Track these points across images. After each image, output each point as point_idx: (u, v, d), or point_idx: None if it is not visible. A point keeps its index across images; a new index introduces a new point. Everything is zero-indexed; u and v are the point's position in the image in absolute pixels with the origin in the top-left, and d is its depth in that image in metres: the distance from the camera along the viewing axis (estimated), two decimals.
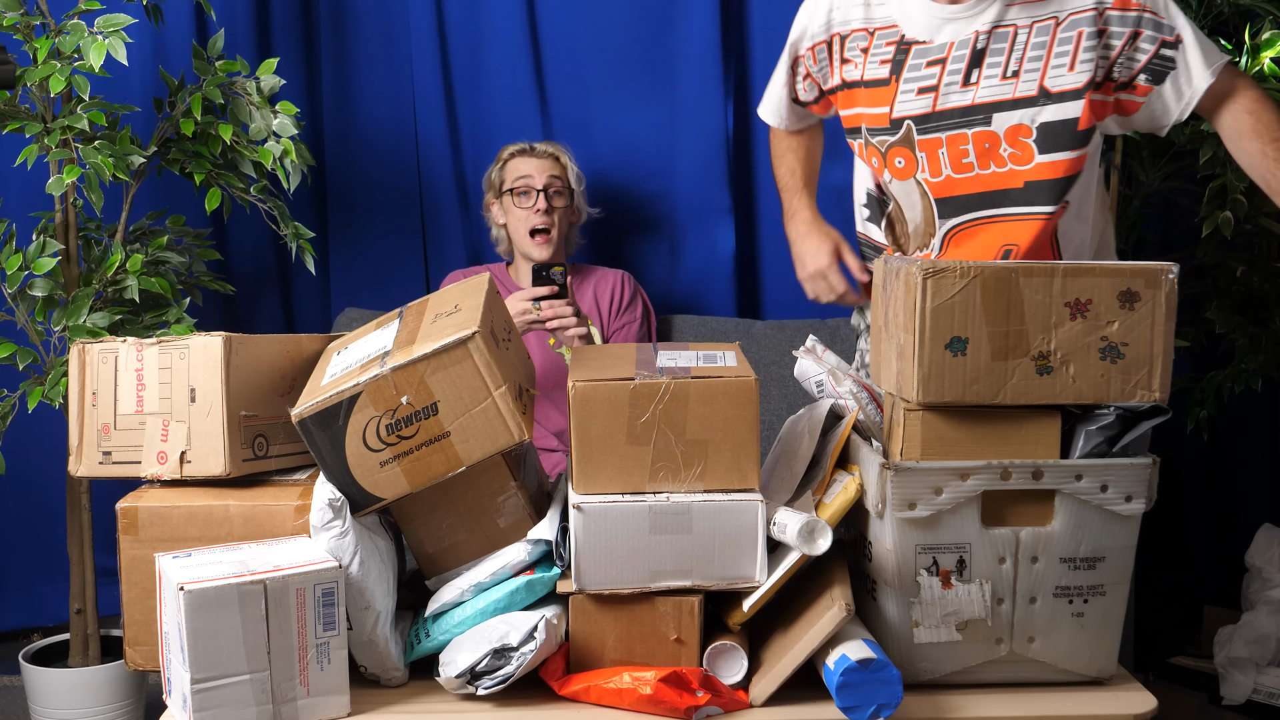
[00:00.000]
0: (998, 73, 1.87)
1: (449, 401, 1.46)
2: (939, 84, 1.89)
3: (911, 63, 1.90)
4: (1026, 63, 1.86)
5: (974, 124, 1.89)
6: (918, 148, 1.92)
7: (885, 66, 1.92)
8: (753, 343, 2.72)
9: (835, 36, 1.97)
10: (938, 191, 1.94)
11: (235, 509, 1.52)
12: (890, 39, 1.92)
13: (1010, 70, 1.86)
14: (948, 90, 1.88)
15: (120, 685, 2.45)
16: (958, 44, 1.88)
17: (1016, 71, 1.86)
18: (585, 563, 1.46)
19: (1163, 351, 1.44)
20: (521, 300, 2.32)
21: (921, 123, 1.91)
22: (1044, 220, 1.91)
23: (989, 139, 1.89)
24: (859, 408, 1.61)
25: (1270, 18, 2.48)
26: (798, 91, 2.10)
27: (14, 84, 2.22)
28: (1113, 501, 1.46)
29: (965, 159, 1.90)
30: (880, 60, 1.92)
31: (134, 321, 2.35)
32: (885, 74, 1.92)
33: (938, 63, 1.89)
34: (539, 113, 2.85)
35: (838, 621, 1.40)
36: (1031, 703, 1.49)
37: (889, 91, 1.92)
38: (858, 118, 1.98)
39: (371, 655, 1.50)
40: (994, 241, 1.93)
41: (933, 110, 1.90)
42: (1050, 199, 1.90)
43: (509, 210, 2.59)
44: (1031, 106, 1.87)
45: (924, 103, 1.90)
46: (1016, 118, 1.87)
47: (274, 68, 2.45)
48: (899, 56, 1.91)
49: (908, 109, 1.91)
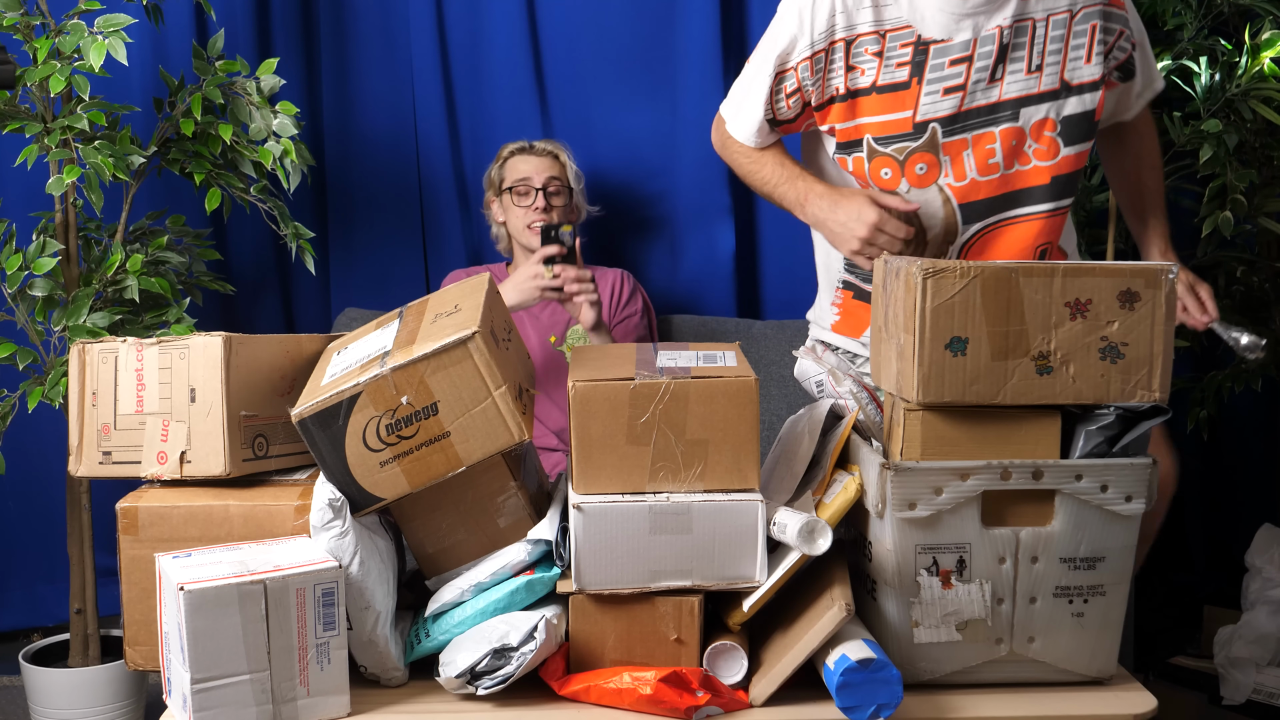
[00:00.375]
0: (1022, 67, 1.86)
1: (449, 401, 1.46)
2: (966, 82, 1.86)
3: (933, 63, 1.86)
4: (1048, 56, 1.86)
5: (1001, 121, 1.87)
6: (941, 151, 1.88)
7: (904, 69, 1.86)
8: (753, 343, 2.72)
9: (839, 43, 1.88)
10: (961, 196, 1.90)
11: (235, 509, 1.52)
12: (905, 40, 1.86)
13: (1034, 64, 1.86)
14: (975, 89, 1.86)
15: (120, 685, 2.45)
16: (981, 40, 1.85)
17: (1039, 65, 1.86)
18: (585, 563, 1.46)
19: (1163, 351, 1.44)
20: (535, 264, 2.35)
21: (948, 124, 1.87)
22: (1066, 214, 1.92)
23: (1016, 135, 1.88)
24: (859, 408, 1.61)
25: (1270, 18, 2.48)
26: (776, 110, 1.96)
27: (14, 84, 2.22)
28: (1113, 501, 1.46)
29: (992, 159, 1.88)
30: (897, 63, 1.87)
31: (134, 321, 2.35)
32: (905, 77, 1.86)
33: (962, 61, 1.85)
34: (539, 112, 2.85)
35: (838, 621, 1.40)
36: (1031, 703, 1.49)
37: (910, 95, 1.87)
38: (859, 129, 1.90)
39: (371, 655, 1.50)
40: (1023, 242, 1.91)
41: (960, 110, 1.87)
42: (1072, 191, 1.92)
43: (508, 209, 2.59)
44: (1055, 100, 1.87)
45: (951, 103, 1.86)
46: (1042, 112, 1.87)
47: (274, 68, 2.45)
48: (918, 58, 1.86)
49: (934, 110, 1.87)
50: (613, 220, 2.82)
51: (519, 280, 2.40)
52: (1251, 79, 2.46)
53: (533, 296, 2.39)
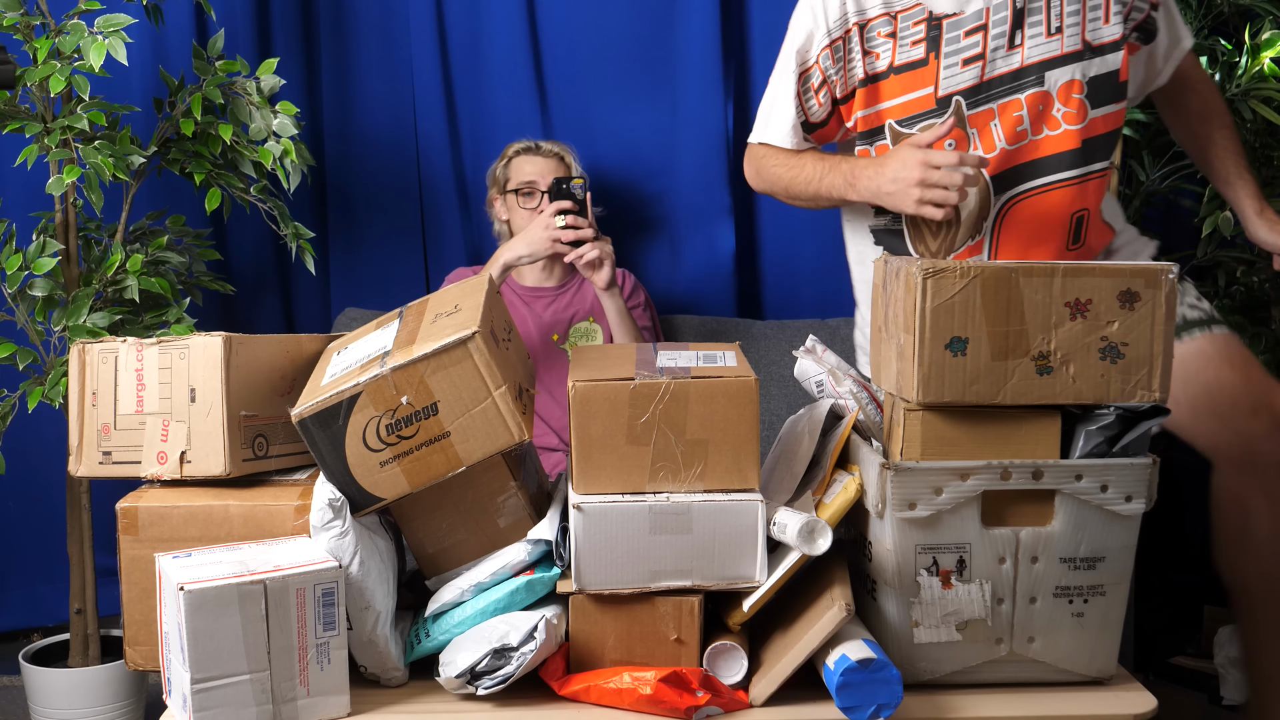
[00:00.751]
0: (1041, 30, 1.84)
1: (449, 401, 1.46)
2: (985, 51, 1.84)
3: (947, 36, 1.85)
4: (1067, 18, 1.84)
5: (1026, 86, 1.85)
6: (969, 124, 1.87)
7: (919, 47, 1.86)
8: (753, 343, 2.72)
9: (854, 28, 1.89)
10: (992, 168, 1.88)
11: (235, 509, 1.52)
12: (917, 18, 1.86)
13: (1054, 26, 1.84)
14: (994, 56, 1.84)
15: (120, 685, 2.45)
16: (994, 8, 1.84)
17: (1060, 27, 1.84)
18: (585, 563, 1.46)
19: (1163, 351, 1.44)
20: (547, 215, 2.36)
21: (971, 95, 1.86)
22: (1102, 178, 1.88)
23: (1043, 100, 1.85)
24: (859, 408, 1.61)
25: (1270, 18, 2.48)
26: (807, 110, 1.98)
27: (14, 84, 2.23)
28: (1113, 501, 1.46)
29: (1020, 126, 1.86)
30: (912, 41, 1.86)
31: (134, 321, 2.35)
32: (921, 54, 1.86)
33: (977, 30, 1.84)
34: (539, 112, 2.85)
35: (838, 621, 1.40)
36: (1031, 703, 1.49)
37: (929, 71, 1.86)
38: (879, 115, 1.92)
39: (371, 655, 1.50)
40: (1056, 210, 1.89)
41: (982, 80, 1.85)
42: (1105, 154, 1.89)
43: (512, 209, 2.59)
44: (1079, 61, 1.85)
45: (972, 73, 1.85)
46: (1068, 73, 1.85)
47: (274, 68, 2.45)
48: (932, 33, 1.85)
49: (955, 83, 1.85)
50: (613, 220, 2.82)
51: (530, 232, 2.39)
52: (1251, 79, 2.46)
53: (544, 248, 2.38)
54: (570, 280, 2.63)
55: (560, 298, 2.61)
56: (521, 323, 2.56)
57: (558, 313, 2.58)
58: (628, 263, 2.85)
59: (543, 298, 2.60)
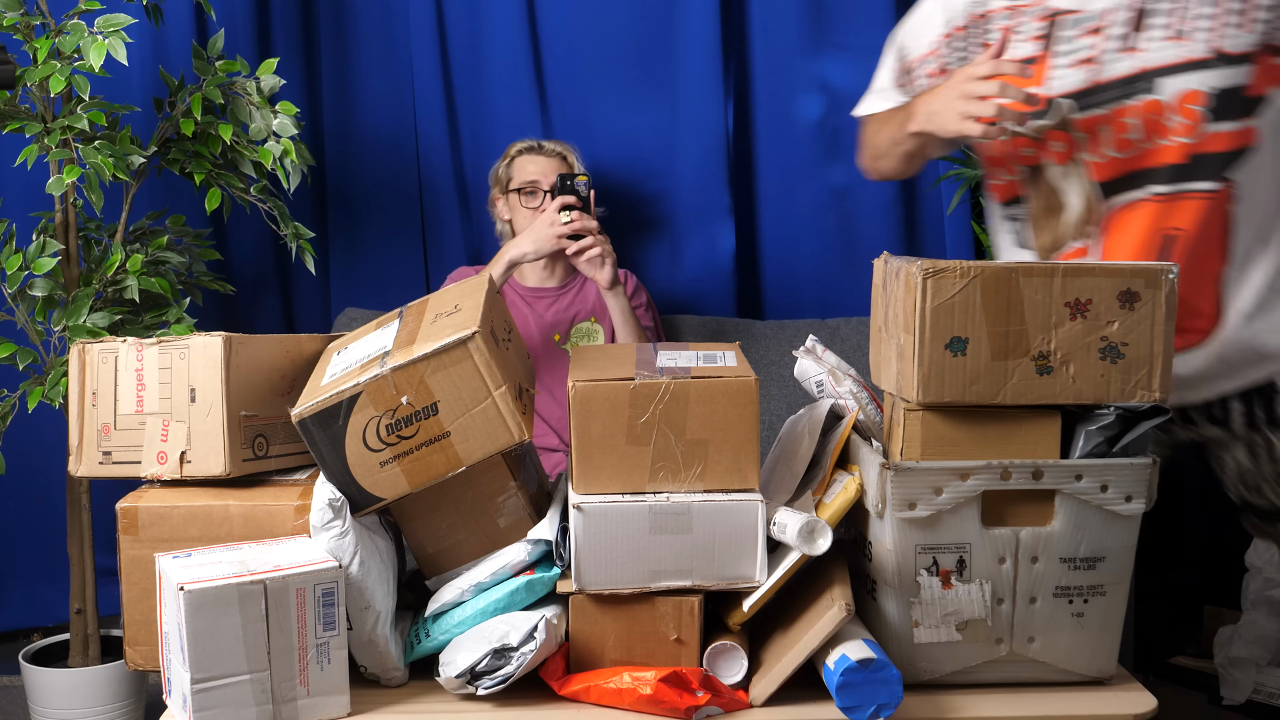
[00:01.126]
0: (1164, 34, 1.68)
1: (449, 401, 1.46)
2: (1100, 53, 1.70)
3: (1065, 34, 1.72)
4: (1197, 20, 1.67)
5: (1137, 93, 1.70)
6: (1076, 127, 1.73)
7: (1035, 43, 1.74)
8: (753, 343, 2.72)
9: (977, 18, 1.78)
10: (1100, 174, 1.75)
11: (235, 509, 1.52)
12: (1039, 14, 1.73)
13: (1179, 30, 1.67)
14: (1106, 59, 1.70)
15: (120, 685, 2.45)
16: (1116, 7, 1.69)
17: (1184, 31, 1.67)
18: (585, 563, 1.46)
19: (1163, 351, 1.44)
20: (551, 212, 2.37)
21: (1081, 98, 1.72)
22: (1207, 200, 1.70)
23: (1154, 109, 1.69)
24: (859, 408, 1.61)
25: None
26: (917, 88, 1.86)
27: (14, 84, 2.23)
28: (1113, 501, 1.46)
29: (1128, 134, 1.71)
30: (1029, 37, 1.74)
31: (134, 321, 2.35)
32: (1033, 51, 1.74)
33: (1095, 30, 1.70)
34: (539, 112, 2.85)
35: (838, 621, 1.40)
36: (1031, 703, 1.49)
37: (1038, 69, 1.73)
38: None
39: (371, 655, 1.50)
40: (1150, 224, 1.73)
41: (1092, 85, 1.71)
42: (1213, 175, 1.70)
43: (515, 209, 2.59)
44: (1204, 70, 1.67)
45: (1080, 76, 1.72)
46: (1187, 83, 1.68)
47: (274, 68, 2.45)
48: (1050, 29, 1.73)
49: (1063, 84, 1.72)
50: (613, 220, 2.82)
51: (536, 229, 2.40)
52: None
53: (549, 245, 2.39)
54: (572, 280, 2.63)
55: (562, 298, 2.61)
56: (523, 323, 2.56)
57: (559, 313, 2.58)
58: (628, 263, 2.85)
59: (544, 298, 2.60)
